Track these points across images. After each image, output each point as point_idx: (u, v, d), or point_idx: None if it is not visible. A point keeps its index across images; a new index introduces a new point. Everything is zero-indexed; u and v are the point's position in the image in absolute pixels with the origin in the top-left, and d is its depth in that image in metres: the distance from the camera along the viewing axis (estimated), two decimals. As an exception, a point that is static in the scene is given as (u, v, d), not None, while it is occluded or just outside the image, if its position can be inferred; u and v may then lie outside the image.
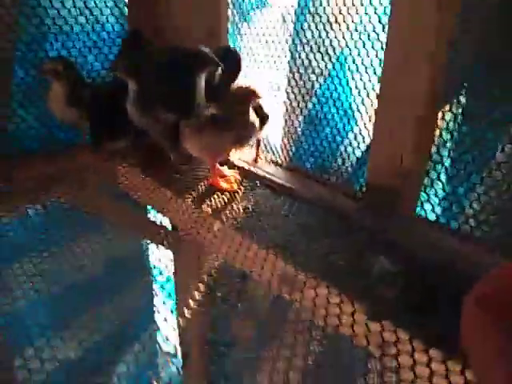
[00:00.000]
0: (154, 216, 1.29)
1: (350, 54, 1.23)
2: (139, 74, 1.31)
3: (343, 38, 1.24)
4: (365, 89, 1.21)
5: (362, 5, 1.15)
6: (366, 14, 1.15)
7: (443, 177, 1.09)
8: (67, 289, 0.93)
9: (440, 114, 1.05)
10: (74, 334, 0.79)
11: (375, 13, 1.12)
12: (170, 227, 1.26)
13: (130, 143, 1.53)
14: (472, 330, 0.64)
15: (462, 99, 1.03)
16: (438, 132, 1.07)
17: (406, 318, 0.80)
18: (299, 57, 1.38)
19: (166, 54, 1.39)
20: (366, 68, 1.19)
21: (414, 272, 0.95)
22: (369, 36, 1.16)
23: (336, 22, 1.23)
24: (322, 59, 1.31)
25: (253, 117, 1.32)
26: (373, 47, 1.15)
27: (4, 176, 1.36)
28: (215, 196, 1.33)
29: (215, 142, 1.30)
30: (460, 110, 1.03)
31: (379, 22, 1.11)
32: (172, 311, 0.88)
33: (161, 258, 1.07)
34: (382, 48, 1.11)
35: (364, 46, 1.18)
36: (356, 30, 1.19)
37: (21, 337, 0.77)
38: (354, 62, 1.22)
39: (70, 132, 1.64)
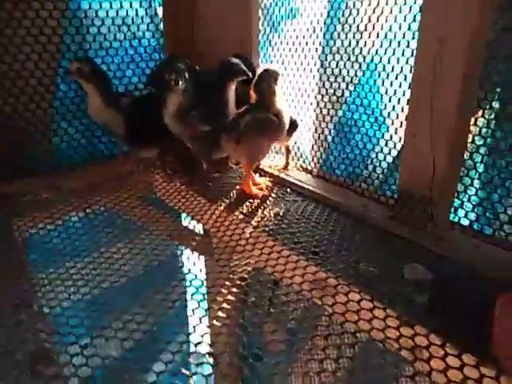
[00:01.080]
0: (189, 222, 1.33)
1: (381, 61, 1.23)
2: (180, 87, 1.38)
3: (373, 45, 1.25)
4: (395, 95, 1.21)
5: (391, 12, 1.16)
6: (396, 21, 1.16)
7: (477, 183, 1.08)
8: (107, 291, 0.98)
9: (472, 120, 1.04)
10: (115, 334, 0.83)
11: (405, 20, 1.13)
12: (203, 233, 1.30)
13: (160, 152, 1.59)
14: (505, 329, 0.64)
15: (495, 104, 1.01)
16: (470, 138, 1.06)
17: (439, 324, 0.80)
18: (329, 65, 1.40)
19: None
20: (396, 75, 1.19)
21: (446, 278, 0.94)
22: (399, 43, 1.17)
23: (366, 30, 1.25)
24: (352, 67, 1.32)
25: (281, 100, 1.35)
26: (403, 54, 1.16)
27: (51, 186, 1.45)
28: (247, 203, 1.36)
29: (254, 149, 1.34)
30: (493, 116, 1.02)
31: (409, 29, 1.12)
32: (204, 315, 0.90)
33: (194, 263, 1.10)
34: (412, 55, 1.12)
35: (394, 53, 1.18)
36: (386, 38, 1.20)
37: (66, 336, 0.82)
38: (384, 69, 1.23)
39: (110, 144, 1.73)
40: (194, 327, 0.86)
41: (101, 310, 0.91)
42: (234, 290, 0.97)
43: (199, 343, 0.82)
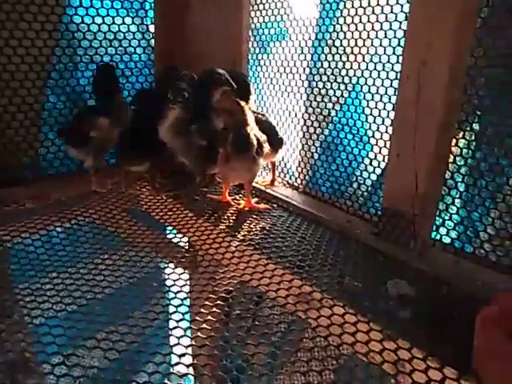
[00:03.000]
0: (174, 236, 1.33)
1: (366, 83, 1.28)
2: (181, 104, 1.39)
3: (359, 67, 1.29)
4: (380, 116, 1.25)
5: (376, 37, 1.21)
6: (381, 45, 1.21)
7: (458, 202, 1.11)
8: (90, 302, 0.97)
9: (454, 141, 1.08)
10: (98, 345, 0.82)
11: (390, 44, 1.17)
12: (188, 247, 1.29)
13: (150, 166, 1.59)
14: (485, 344, 0.65)
15: (476, 126, 1.06)
16: (452, 158, 1.10)
17: (421, 338, 0.81)
18: (316, 86, 1.44)
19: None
20: (381, 96, 1.24)
21: (428, 294, 0.96)
22: (383, 66, 1.21)
23: (352, 52, 1.29)
24: (339, 88, 1.36)
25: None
26: (387, 76, 1.20)
27: (36, 196, 1.44)
28: (233, 217, 1.37)
29: (259, 168, 1.38)
30: (473, 137, 1.06)
31: (393, 52, 1.17)
32: (186, 332, 0.89)
33: (179, 276, 1.09)
34: (396, 78, 1.16)
35: (379, 76, 1.23)
36: (371, 60, 1.25)
37: (48, 346, 0.81)
38: (369, 91, 1.27)
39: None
40: (178, 339, 0.85)
41: (84, 320, 0.89)
42: (219, 302, 0.97)
43: (179, 359, 0.81)
